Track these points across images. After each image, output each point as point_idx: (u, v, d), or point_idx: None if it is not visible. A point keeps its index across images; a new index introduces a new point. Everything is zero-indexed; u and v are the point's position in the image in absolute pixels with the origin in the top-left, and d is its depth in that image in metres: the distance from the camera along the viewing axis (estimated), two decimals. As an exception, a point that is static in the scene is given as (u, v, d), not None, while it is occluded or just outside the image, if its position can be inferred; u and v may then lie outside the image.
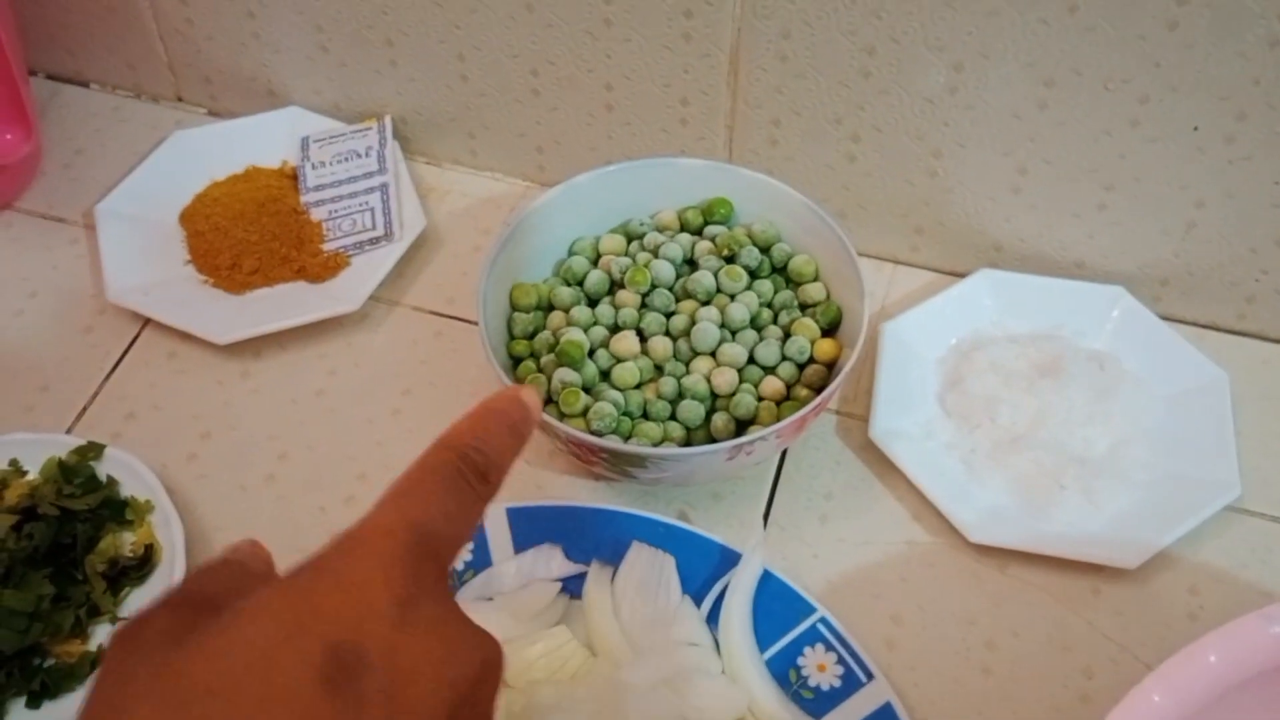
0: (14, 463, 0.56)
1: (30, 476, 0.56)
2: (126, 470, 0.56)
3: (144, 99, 0.76)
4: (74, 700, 0.49)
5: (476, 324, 0.54)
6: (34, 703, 0.49)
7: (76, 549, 0.52)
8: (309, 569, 0.29)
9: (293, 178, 0.70)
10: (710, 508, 0.58)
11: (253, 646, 0.27)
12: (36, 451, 0.57)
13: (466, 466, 0.32)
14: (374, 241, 0.66)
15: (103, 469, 0.56)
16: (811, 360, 0.56)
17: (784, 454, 0.60)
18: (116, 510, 0.54)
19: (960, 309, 0.63)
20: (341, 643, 0.27)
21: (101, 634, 0.52)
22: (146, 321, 0.65)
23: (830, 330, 0.57)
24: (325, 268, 0.66)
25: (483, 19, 0.64)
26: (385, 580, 0.29)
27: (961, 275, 0.65)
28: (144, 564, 0.53)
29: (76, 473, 0.55)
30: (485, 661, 0.30)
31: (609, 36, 0.62)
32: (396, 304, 0.66)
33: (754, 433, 0.52)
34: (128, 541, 0.54)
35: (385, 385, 0.63)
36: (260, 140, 0.71)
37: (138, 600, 0.52)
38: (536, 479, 0.59)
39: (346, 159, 0.70)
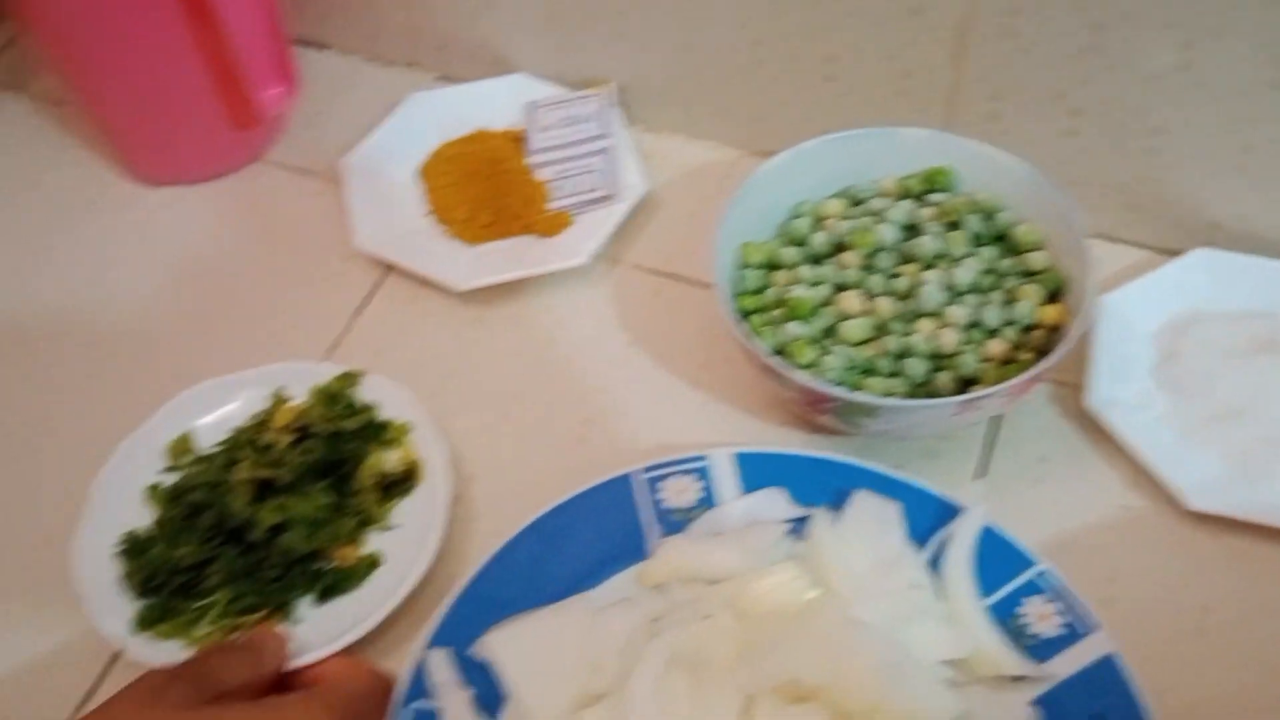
0: (280, 389, 0.62)
1: (295, 402, 0.61)
2: (386, 395, 0.61)
3: (378, 63, 0.81)
4: (353, 599, 0.54)
5: (694, 285, 0.57)
6: (321, 600, 0.54)
7: (348, 465, 0.57)
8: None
9: (518, 141, 0.74)
10: (922, 465, 0.60)
11: None
12: (298, 380, 0.62)
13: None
14: (597, 202, 0.70)
15: (360, 395, 0.61)
16: (1035, 326, 0.57)
17: (997, 420, 0.61)
18: (378, 431, 0.59)
19: (1177, 286, 0.64)
20: None
21: (376, 541, 0.56)
22: (389, 269, 0.69)
23: (1052, 298, 0.59)
24: (551, 225, 0.69)
25: (715, -9, 0.67)
26: None
27: (1174, 253, 0.66)
28: (407, 479, 0.57)
29: (338, 398, 0.60)
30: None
31: (838, 10, 0.65)
32: (618, 262, 0.70)
33: (978, 390, 0.54)
34: (391, 459, 0.59)
35: (609, 337, 0.66)
36: (489, 104, 0.76)
37: (407, 511, 0.57)
38: (755, 430, 0.62)
39: (571, 123, 0.74)
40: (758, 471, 0.57)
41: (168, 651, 0.53)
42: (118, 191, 0.74)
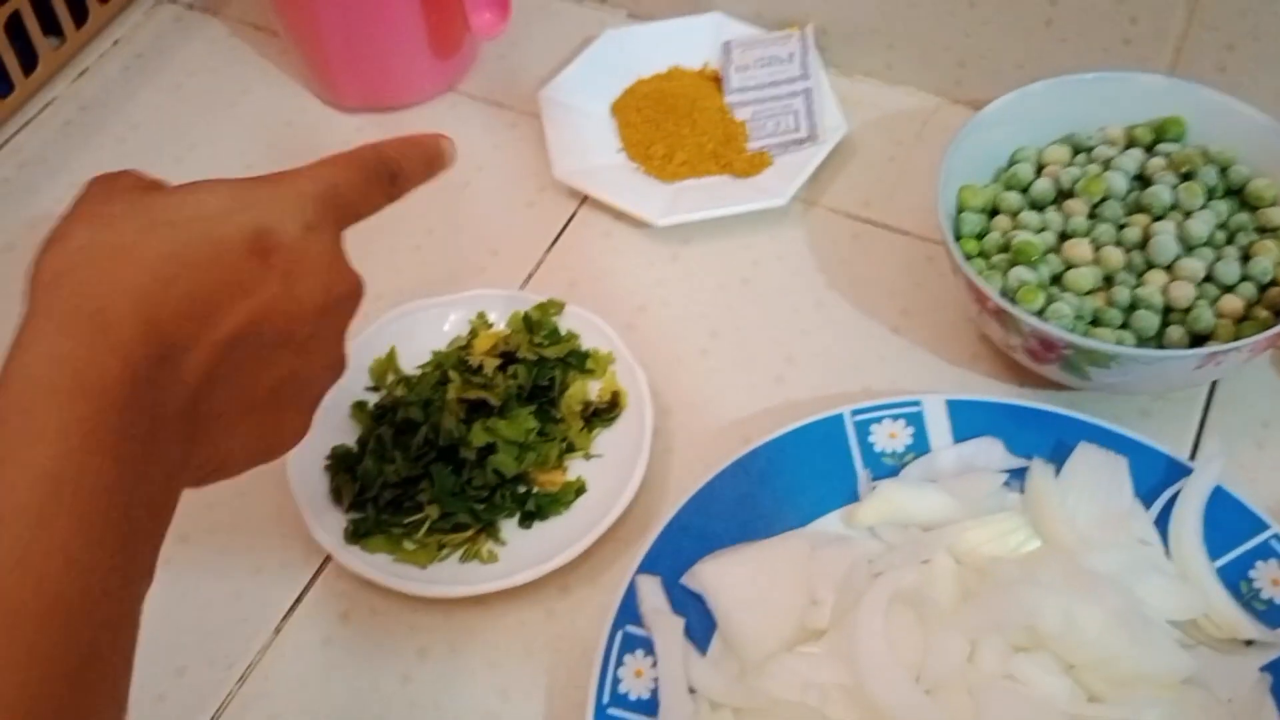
0: (480, 315, 0.62)
1: (497, 328, 0.61)
2: (586, 325, 0.60)
3: (569, -1, 0.81)
4: (558, 523, 0.54)
5: (892, 230, 0.57)
6: (525, 522, 0.54)
7: (554, 391, 0.57)
8: (251, 180, 0.38)
9: (714, 80, 0.73)
10: (1139, 424, 0.58)
11: (206, 207, 0.36)
12: (498, 306, 0.62)
13: (382, 167, 0.42)
14: (797, 143, 0.69)
15: (563, 324, 0.61)
16: (1272, 283, 0.55)
17: (1214, 381, 0.59)
18: (581, 360, 0.59)
19: None
20: (267, 228, 0.37)
21: (578, 468, 0.56)
22: (584, 200, 0.69)
23: (1291, 255, 0.56)
24: (751, 164, 0.68)
25: (934, -72, 0.65)
26: (301, 204, 0.38)
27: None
28: (611, 408, 0.57)
29: (541, 326, 0.60)
30: (352, 292, 0.40)
31: (1067, -50, 0.63)
32: (814, 204, 0.69)
33: (1215, 345, 0.52)
34: (594, 388, 0.58)
35: (807, 278, 0.65)
36: (683, 42, 0.75)
37: (608, 440, 0.57)
38: (958, 378, 0.60)
39: (769, 64, 0.72)
40: (970, 419, 0.56)
41: (377, 565, 0.53)
42: (314, 114, 0.75)
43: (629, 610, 0.50)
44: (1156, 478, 0.53)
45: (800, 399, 0.60)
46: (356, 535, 0.54)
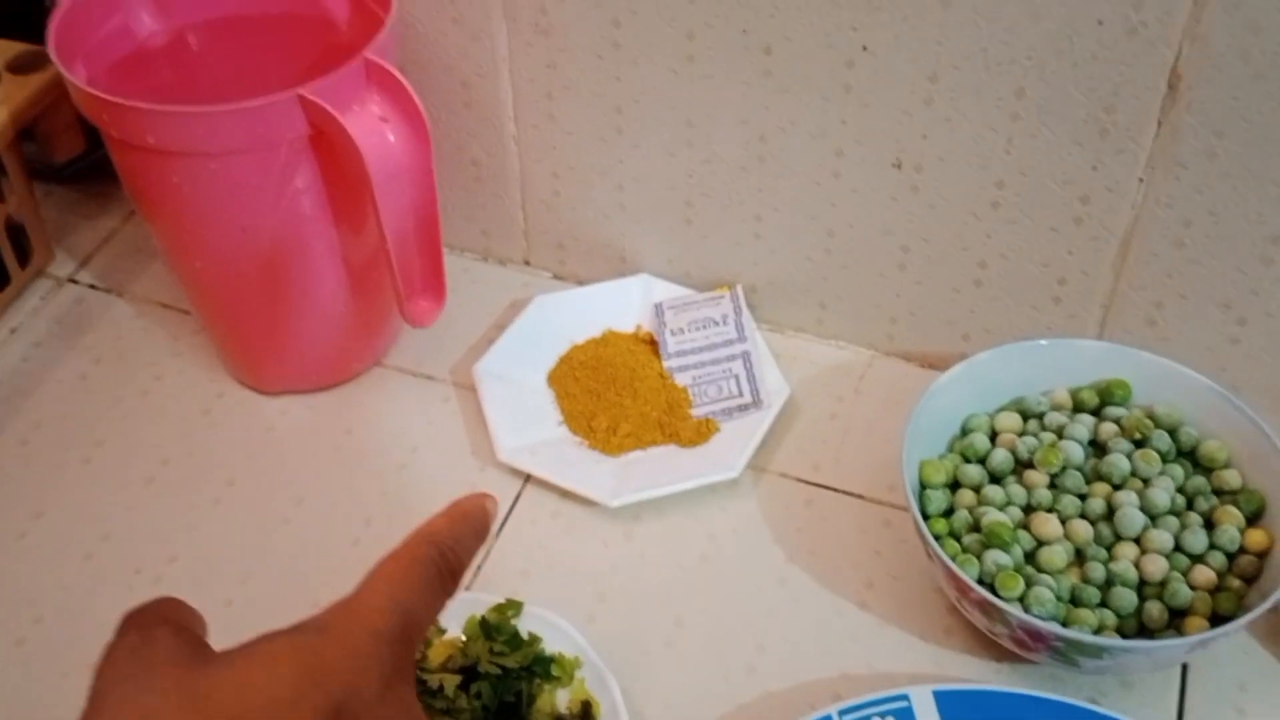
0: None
1: (450, 635, 0.57)
2: (546, 625, 0.57)
3: (491, 262, 0.80)
4: None
5: (845, 494, 0.61)
6: None
7: (521, 707, 0.53)
8: (314, 629, 0.32)
9: (649, 342, 0.73)
10: (1121, 696, 0.57)
11: (273, 686, 0.30)
12: (450, 608, 0.58)
13: (444, 565, 0.36)
14: (742, 409, 0.68)
15: (522, 625, 0.57)
16: (1242, 550, 0.55)
17: (1185, 641, 0.59)
18: (544, 666, 0.55)
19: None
20: (344, 705, 0.30)
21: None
22: (527, 479, 0.66)
23: (1252, 520, 0.56)
24: (697, 433, 0.67)
25: (863, 198, 0.66)
26: (378, 656, 0.32)
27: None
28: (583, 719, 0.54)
29: (500, 630, 0.56)
30: None
31: (994, 218, 0.64)
32: (764, 470, 0.67)
33: (1196, 624, 0.51)
34: (562, 697, 0.55)
35: (766, 552, 0.63)
36: (614, 305, 0.74)
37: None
38: (935, 656, 0.59)
39: (704, 326, 0.72)
40: (960, 709, 0.53)
41: None
42: (233, 398, 0.71)
43: None
44: (1155, 763, 0.51)
45: (776, 690, 0.58)
46: None
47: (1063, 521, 0.57)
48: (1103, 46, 0.56)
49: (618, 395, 0.68)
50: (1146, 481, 0.57)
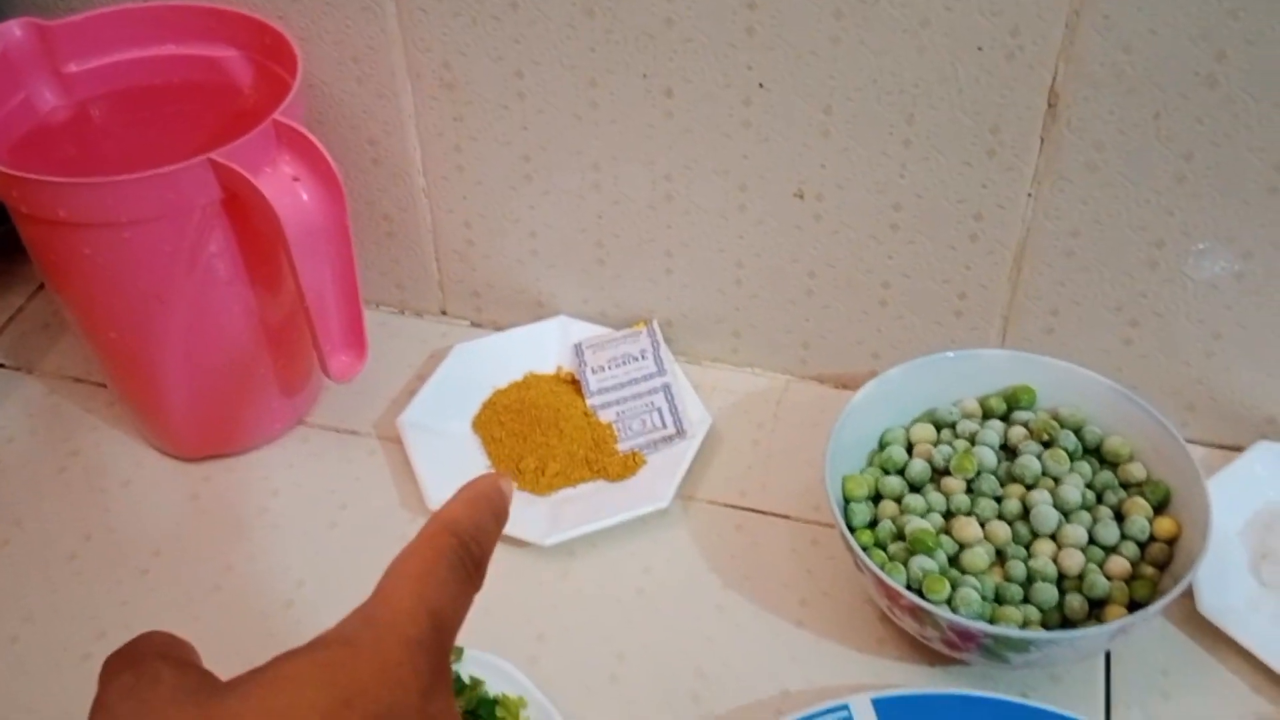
0: (375, 673, 0.58)
1: (395, 687, 0.57)
2: (488, 668, 0.57)
3: (408, 314, 0.80)
4: None
5: (773, 516, 0.63)
6: None
7: (476, 755, 0.54)
8: (338, 643, 0.29)
9: (571, 382, 0.74)
10: (1050, 689, 0.59)
11: (300, 712, 0.26)
12: (393, 661, 0.58)
13: (467, 556, 0.33)
14: (667, 440, 0.69)
15: (463, 670, 0.57)
16: (1153, 538, 0.58)
17: (1107, 631, 0.61)
18: (489, 709, 0.56)
19: (1248, 482, 0.65)
20: None
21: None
22: (460, 528, 0.67)
23: (1159, 509, 0.59)
24: (625, 467, 0.68)
25: (769, 228, 0.69)
26: (414, 668, 0.29)
27: (1230, 448, 0.68)
28: (545, 769, 0.54)
29: (444, 680, 0.57)
30: None
31: (894, 240, 0.67)
32: (692, 498, 0.69)
33: (1116, 612, 0.54)
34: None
35: (702, 580, 0.65)
36: (534, 349, 0.75)
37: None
38: (875, 667, 0.60)
39: (623, 362, 0.74)
40: (898, 714, 0.55)
41: None
42: (153, 468, 0.70)
43: None
44: (1089, 750, 0.54)
45: (721, 713, 0.59)
46: None
47: (982, 524, 0.59)
48: (984, 71, 0.59)
49: (544, 436, 0.69)
50: (1057, 480, 0.60)
